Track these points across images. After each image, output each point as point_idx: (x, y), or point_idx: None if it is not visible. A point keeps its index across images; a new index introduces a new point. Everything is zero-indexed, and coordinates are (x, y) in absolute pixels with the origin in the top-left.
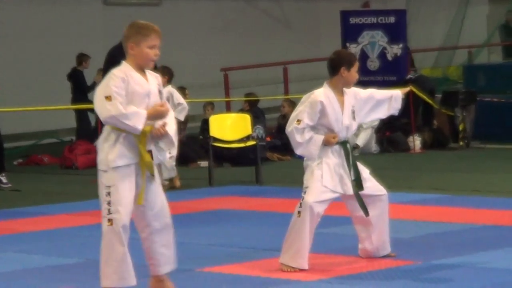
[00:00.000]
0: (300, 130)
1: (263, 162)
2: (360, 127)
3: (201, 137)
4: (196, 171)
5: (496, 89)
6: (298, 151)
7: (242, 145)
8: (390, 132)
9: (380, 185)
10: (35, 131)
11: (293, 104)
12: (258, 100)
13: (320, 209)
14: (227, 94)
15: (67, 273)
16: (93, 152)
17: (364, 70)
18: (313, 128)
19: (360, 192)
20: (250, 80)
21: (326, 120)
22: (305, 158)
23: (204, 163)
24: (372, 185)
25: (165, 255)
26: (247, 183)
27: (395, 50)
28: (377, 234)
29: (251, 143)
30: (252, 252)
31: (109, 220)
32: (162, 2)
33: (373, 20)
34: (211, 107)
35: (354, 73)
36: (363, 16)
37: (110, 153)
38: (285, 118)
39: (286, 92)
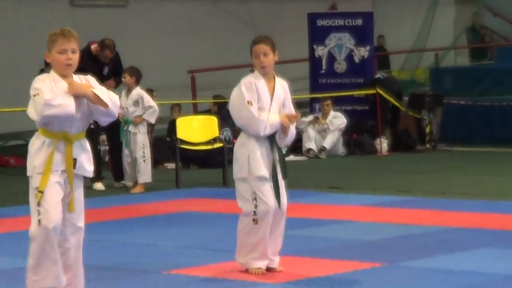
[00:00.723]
0: (256, 110)
1: (230, 164)
2: (327, 130)
3: (168, 139)
4: (163, 173)
5: (463, 91)
6: (266, 131)
7: (209, 147)
8: (357, 135)
9: (285, 197)
10: (1, 132)
11: None
12: (226, 102)
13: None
14: (194, 96)
15: None
16: None
17: (331, 73)
18: None
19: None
20: (217, 82)
21: (260, 104)
22: (235, 148)
23: (171, 165)
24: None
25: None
26: (214, 185)
27: (362, 52)
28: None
29: (218, 145)
30: (218, 254)
31: (39, 221)
32: (129, 4)
33: (340, 22)
34: (178, 109)
35: (253, 59)
36: (330, 18)
37: (35, 159)
38: None
39: None
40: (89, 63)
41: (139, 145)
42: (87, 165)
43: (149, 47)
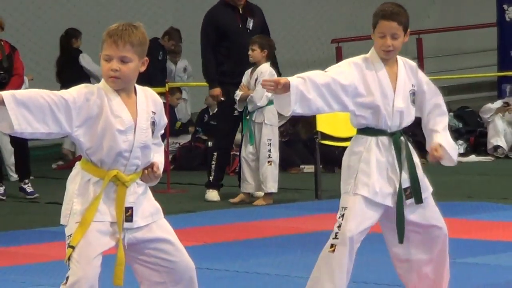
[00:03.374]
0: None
1: None
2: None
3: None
4: (297, 178)
5: None
6: None
7: None
8: None
9: (439, 213)
10: None
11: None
12: None
13: (360, 239)
14: None
15: None
16: None
17: None
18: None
19: (410, 220)
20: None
21: (375, 97)
22: (345, 155)
23: (308, 168)
24: (428, 211)
25: None
26: None
27: None
28: (428, 280)
29: None
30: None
31: (67, 278)
32: None
33: None
34: None
35: (376, 38)
36: None
37: (75, 203)
38: None
39: (421, 70)
40: (227, 15)
41: (264, 140)
42: (144, 216)
43: (288, 15)
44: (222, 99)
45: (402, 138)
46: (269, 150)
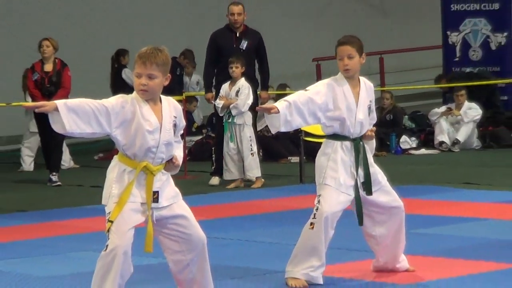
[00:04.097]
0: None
1: None
2: (461, 121)
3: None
4: (286, 167)
5: None
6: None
7: None
8: (493, 127)
9: (396, 196)
10: None
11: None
12: None
13: (335, 219)
14: None
15: (151, 273)
16: None
17: (466, 60)
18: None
19: (376, 204)
20: None
21: (341, 111)
22: (317, 155)
23: (295, 159)
24: (387, 196)
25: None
26: None
27: (500, 39)
28: (387, 248)
29: None
30: (349, 254)
31: (106, 246)
32: None
33: (476, 7)
34: None
35: (338, 61)
36: (465, 2)
37: (113, 188)
38: (383, 111)
39: (383, 83)
40: (225, 37)
41: (247, 137)
42: (167, 198)
43: (271, 33)
44: (212, 102)
45: (361, 143)
46: (251, 145)
